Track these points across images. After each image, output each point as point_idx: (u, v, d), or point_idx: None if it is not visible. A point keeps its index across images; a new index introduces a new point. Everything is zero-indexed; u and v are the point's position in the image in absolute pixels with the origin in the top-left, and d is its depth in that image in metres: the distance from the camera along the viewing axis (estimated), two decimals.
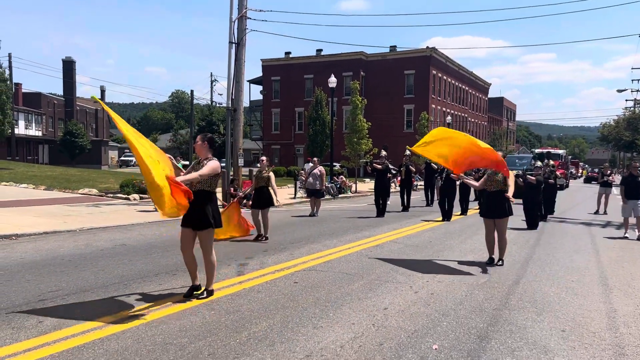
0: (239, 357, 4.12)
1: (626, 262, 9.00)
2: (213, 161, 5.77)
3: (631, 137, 52.43)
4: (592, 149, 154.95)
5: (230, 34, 19.29)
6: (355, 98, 28.98)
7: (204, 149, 5.87)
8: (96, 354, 4.09)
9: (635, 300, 6.36)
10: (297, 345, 4.42)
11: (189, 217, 5.67)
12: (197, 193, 5.64)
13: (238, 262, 7.99)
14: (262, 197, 10.54)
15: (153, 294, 5.99)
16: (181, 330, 4.70)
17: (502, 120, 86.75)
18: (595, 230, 13.71)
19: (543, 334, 4.97)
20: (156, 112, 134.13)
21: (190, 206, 5.55)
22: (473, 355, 4.35)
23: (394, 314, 5.43)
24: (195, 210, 5.62)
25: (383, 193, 15.60)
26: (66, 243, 9.74)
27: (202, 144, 5.87)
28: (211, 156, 5.87)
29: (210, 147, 5.90)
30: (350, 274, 7.24)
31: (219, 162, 5.79)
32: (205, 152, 5.86)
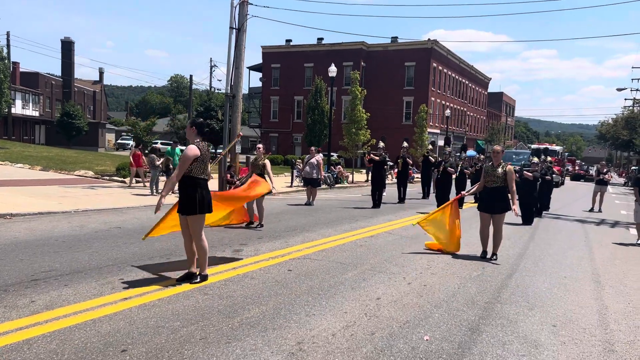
0: (230, 342, 4.13)
1: (618, 260, 9.05)
2: (186, 149, 5.76)
3: (629, 136, 52.57)
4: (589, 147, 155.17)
5: (231, 20, 19.11)
6: (355, 88, 28.89)
7: (193, 133, 5.89)
8: (88, 334, 4.09)
9: (626, 298, 6.40)
10: (289, 332, 4.43)
11: (179, 202, 5.86)
12: (182, 179, 5.76)
13: (232, 248, 7.99)
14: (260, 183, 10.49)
15: (147, 277, 5.99)
16: (174, 314, 4.71)
17: (501, 116, 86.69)
18: (589, 227, 13.77)
19: (534, 328, 5.00)
20: (154, 96, 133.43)
21: (179, 193, 5.83)
22: (464, 347, 4.37)
23: (386, 304, 5.45)
24: (181, 196, 5.80)
25: (379, 184, 15.59)
26: (61, 224, 9.72)
27: (190, 128, 5.92)
28: (197, 140, 5.86)
29: (198, 132, 5.89)
30: (344, 264, 7.26)
31: (194, 147, 5.73)
32: (194, 137, 5.87)
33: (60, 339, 3.97)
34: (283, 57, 57.90)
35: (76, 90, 67.04)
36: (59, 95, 64.07)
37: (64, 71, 64.18)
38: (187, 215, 5.78)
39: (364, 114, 28.65)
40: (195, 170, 5.76)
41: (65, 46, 62.60)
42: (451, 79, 59.98)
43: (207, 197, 5.88)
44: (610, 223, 15.19)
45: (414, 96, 52.64)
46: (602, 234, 12.68)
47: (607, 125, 63.57)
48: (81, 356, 3.70)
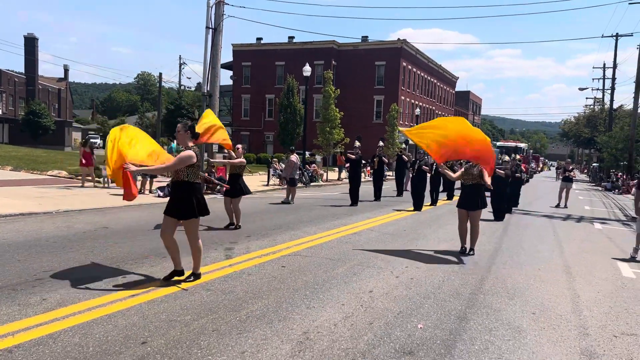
0: (241, 333, 4.41)
1: (586, 253, 9.65)
2: (184, 152, 5.75)
3: (590, 134, 54.51)
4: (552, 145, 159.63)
5: (207, 19, 19.24)
6: (329, 87, 29.21)
7: (186, 138, 5.84)
8: (106, 329, 4.31)
9: (596, 287, 6.92)
10: (294, 323, 4.74)
11: (170, 207, 5.83)
12: (178, 184, 5.79)
13: (224, 246, 8.22)
14: (235, 185, 10.40)
15: (147, 274, 6.19)
16: (182, 309, 4.95)
17: (468, 114, 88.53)
18: (557, 222, 14.46)
19: (516, 316, 5.43)
20: (121, 94, 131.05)
21: (172, 196, 5.83)
22: (455, 334, 4.76)
23: (379, 297, 5.80)
24: (176, 201, 5.79)
25: (356, 183, 15.98)
26: (46, 225, 9.75)
27: (185, 133, 5.83)
28: (191, 145, 5.86)
29: (192, 136, 5.86)
30: (333, 259, 7.59)
31: (192, 153, 5.74)
32: (187, 141, 5.84)
33: (82, 333, 4.18)
34: (254, 55, 57.85)
35: (40, 88, 65.48)
36: (22, 93, 62.43)
37: (28, 68, 62.69)
38: (184, 220, 5.85)
39: (338, 113, 29.02)
40: (191, 176, 5.81)
41: (28, 43, 61.16)
42: (420, 78, 61.01)
43: (202, 200, 5.97)
44: (576, 218, 15.97)
45: (385, 95, 53.41)
46: (569, 228, 13.37)
47: (570, 123, 65.78)
48: (105, 348, 3.93)
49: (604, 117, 51.48)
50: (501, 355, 4.30)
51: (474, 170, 8.90)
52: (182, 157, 5.70)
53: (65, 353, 3.81)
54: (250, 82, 58.14)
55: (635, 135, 35.39)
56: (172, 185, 5.92)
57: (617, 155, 38.68)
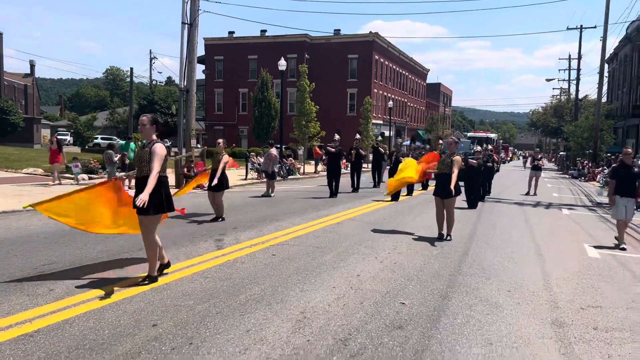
0: (244, 314, 4.75)
1: (555, 237, 10.24)
2: (159, 146, 5.57)
3: (557, 123, 56.06)
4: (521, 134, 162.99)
5: (183, 15, 19.29)
6: (304, 82, 29.47)
7: (152, 131, 5.66)
8: (117, 314, 4.60)
9: (564, 267, 7.46)
10: (291, 305, 5.10)
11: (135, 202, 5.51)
12: (145, 179, 5.53)
13: (213, 238, 8.51)
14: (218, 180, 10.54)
15: (144, 266, 6.45)
16: (184, 295, 5.26)
17: (439, 106, 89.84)
18: (527, 209, 15.13)
19: (493, 293, 5.90)
20: (89, 89, 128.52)
21: (138, 192, 5.49)
22: (439, 310, 5.19)
23: (366, 280, 6.20)
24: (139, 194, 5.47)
25: (336, 175, 16.37)
26: (32, 222, 9.86)
27: (151, 127, 5.66)
28: (156, 138, 5.69)
29: (157, 129, 5.70)
30: (320, 247, 7.96)
31: (162, 145, 5.61)
32: (152, 135, 5.66)
33: (95, 318, 4.46)
34: (226, 49, 57.60)
35: (6, 84, 63.82)
36: None
37: None
38: (140, 215, 5.56)
39: (314, 107, 29.33)
40: (160, 169, 5.61)
41: None
42: (392, 70, 61.68)
43: (170, 195, 5.80)
44: (545, 205, 16.68)
45: (358, 88, 53.88)
46: (539, 214, 14.03)
47: (538, 113, 67.37)
48: (119, 331, 4.22)
49: (570, 107, 53.01)
50: (481, 327, 4.74)
51: (447, 160, 9.37)
52: (161, 154, 5.52)
53: (83, 336, 4.09)
54: (223, 76, 57.92)
55: (600, 125, 36.66)
56: (138, 182, 5.66)
57: (582, 144, 39.97)
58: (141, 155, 5.67)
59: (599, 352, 4.30)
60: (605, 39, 34.37)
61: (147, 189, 5.33)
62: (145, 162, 5.60)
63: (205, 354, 3.86)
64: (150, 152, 5.55)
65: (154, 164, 5.47)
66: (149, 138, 5.68)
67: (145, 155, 5.60)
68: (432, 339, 4.40)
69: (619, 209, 9.20)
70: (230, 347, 4.00)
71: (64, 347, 3.88)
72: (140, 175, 5.65)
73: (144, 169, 5.62)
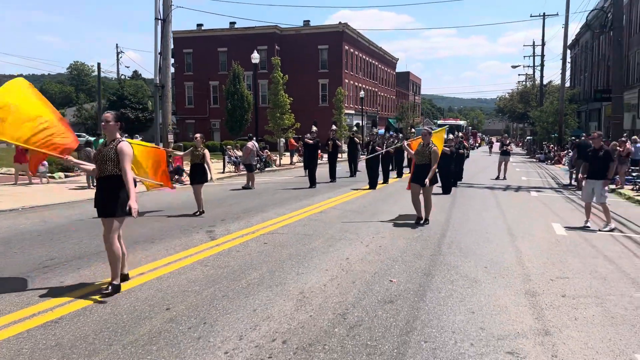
0: (248, 296, 5.16)
1: (525, 217, 10.90)
2: (126, 145, 5.30)
3: (523, 109, 57.57)
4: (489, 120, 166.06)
5: (156, 11, 19.34)
6: (277, 74, 29.71)
7: (116, 128, 5.37)
8: (131, 300, 4.96)
9: (535, 244, 8.07)
10: (290, 286, 5.53)
11: (98, 205, 5.28)
12: (108, 179, 5.25)
13: (204, 229, 8.86)
14: (197, 173, 10.85)
15: (145, 256, 6.78)
16: (189, 282, 5.63)
17: (409, 94, 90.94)
18: (498, 193, 15.85)
19: (471, 270, 6.44)
20: (53, 85, 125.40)
21: (101, 192, 5.26)
22: (424, 286, 5.69)
23: (355, 262, 6.67)
24: (104, 196, 5.24)
25: (313, 166, 16.79)
26: (20, 221, 10.02)
27: (115, 124, 5.35)
28: (119, 136, 5.40)
29: (121, 127, 5.42)
30: (308, 235, 8.40)
31: (128, 144, 5.35)
32: (115, 132, 5.36)
33: (112, 305, 4.81)
34: (195, 42, 57.15)
35: None
36: None
37: None
38: (104, 217, 5.24)
39: (287, 98, 29.62)
40: None
41: None
42: (362, 60, 62.21)
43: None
44: (514, 188, 17.46)
45: (329, 78, 54.25)
46: (509, 197, 14.75)
47: (505, 99, 69.00)
48: (136, 315, 4.58)
49: (536, 93, 54.50)
50: (463, 299, 5.26)
51: (426, 151, 9.87)
52: (130, 154, 5.29)
53: (104, 321, 4.45)
54: (192, 70, 57.48)
55: (564, 109, 37.96)
56: (101, 182, 5.32)
57: (548, 128, 41.33)
58: (104, 153, 5.28)
59: (567, 315, 4.86)
60: (567, 27, 35.55)
61: (132, 195, 5.06)
62: (110, 162, 5.23)
63: (219, 331, 4.26)
64: (117, 151, 5.23)
65: (125, 165, 5.18)
66: (113, 136, 5.36)
67: (110, 154, 5.24)
68: (421, 310, 4.89)
69: (587, 191, 9.85)
70: (241, 324, 4.41)
71: (90, 330, 4.24)
72: (104, 175, 5.27)
73: (107, 168, 5.24)
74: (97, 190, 5.38)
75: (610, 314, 4.91)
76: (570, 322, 4.68)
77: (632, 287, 5.85)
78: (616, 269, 6.65)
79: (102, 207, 5.25)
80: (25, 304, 4.85)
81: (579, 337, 4.33)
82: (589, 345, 4.16)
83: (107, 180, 5.24)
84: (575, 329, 4.50)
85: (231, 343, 4.02)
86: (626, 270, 6.59)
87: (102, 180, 5.29)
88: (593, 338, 4.31)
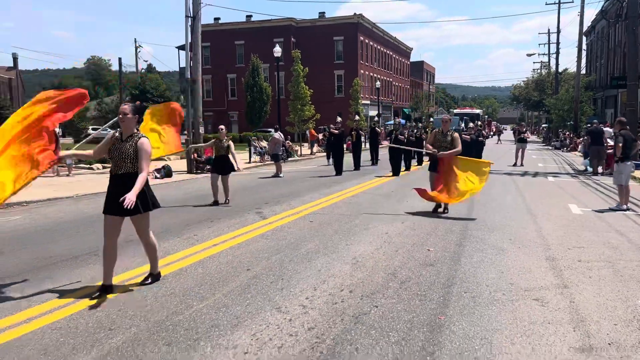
0: (310, 261, 6.12)
1: (543, 199, 11.73)
2: (146, 142, 5.07)
3: (539, 97, 57.83)
4: (503, 109, 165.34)
5: (186, 9, 20.32)
6: (298, 66, 30.60)
7: (134, 122, 5.14)
8: (216, 264, 5.95)
9: (553, 221, 8.92)
10: (343, 254, 6.48)
11: (114, 203, 4.88)
12: (126, 176, 4.99)
13: (253, 212, 9.84)
14: (223, 164, 11.00)
15: (211, 233, 7.78)
16: (257, 251, 6.62)
17: (423, 83, 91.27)
18: (517, 178, 16.66)
19: (497, 241, 7.33)
20: (71, 80, 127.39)
21: (117, 192, 4.90)
22: (458, 253, 6.60)
23: (394, 236, 7.61)
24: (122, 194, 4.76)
25: (340, 155, 17.70)
26: (81, 206, 11.09)
27: (133, 117, 5.10)
28: (137, 132, 5.16)
29: (138, 121, 5.24)
30: (347, 215, 9.35)
31: (148, 141, 5.13)
32: (133, 127, 5.13)
33: (202, 267, 5.83)
34: (212, 35, 58.04)
35: None
36: None
37: None
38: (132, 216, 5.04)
39: (308, 90, 30.52)
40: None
41: None
42: (377, 51, 62.80)
43: (152, 192, 5.30)
44: (532, 174, 18.24)
45: (345, 69, 55.00)
46: (527, 182, 15.56)
47: (520, 88, 69.15)
48: (224, 275, 5.57)
49: (551, 81, 54.72)
50: (493, 263, 6.16)
51: (447, 138, 10.09)
52: (149, 152, 5.09)
53: (201, 278, 5.44)
54: (210, 63, 58.49)
55: (579, 97, 38.37)
56: (116, 178, 5.06)
57: (564, 116, 41.72)
58: (123, 150, 5.01)
59: (582, 274, 5.74)
60: (582, 15, 35.88)
61: (136, 188, 4.75)
62: (128, 158, 4.99)
63: (295, 284, 5.23)
64: (137, 148, 4.99)
65: (143, 164, 4.98)
66: (131, 130, 5.09)
67: (129, 150, 4.99)
68: (458, 271, 5.81)
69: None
70: (312, 280, 5.38)
71: (193, 284, 5.25)
72: (121, 172, 5.02)
73: (123, 165, 5.00)
74: (114, 187, 5.02)
75: (619, 273, 5.79)
76: (585, 279, 5.57)
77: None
78: (627, 240, 7.49)
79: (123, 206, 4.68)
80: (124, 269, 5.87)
81: (592, 289, 5.21)
82: (600, 295, 5.04)
83: (125, 177, 4.97)
84: (589, 284, 5.38)
85: (308, 292, 4.98)
86: (636, 242, 7.42)
87: (118, 178, 5.02)
88: (604, 290, 5.20)
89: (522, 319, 4.36)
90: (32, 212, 10.33)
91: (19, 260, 6.41)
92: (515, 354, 3.69)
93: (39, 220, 9.33)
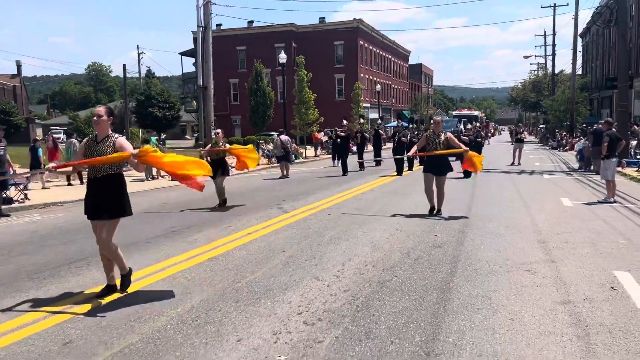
0: (334, 244, 7.13)
1: (538, 194, 12.74)
2: (124, 141, 5.10)
3: (536, 98, 58.93)
4: (501, 110, 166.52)
5: (198, 19, 21.40)
6: (302, 72, 31.63)
7: (108, 124, 5.12)
8: (256, 247, 6.96)
9: (546, 213, 9.93)
10: (361, 239, 7.49)
11: (97, 207, 4.94)
12: (106, 178, 4.96)
13: (275, 207, 10.83)
14: (218, 167, 10.91)
15: (243, 224, 8.77)
16: (287, 237, 7.63)
17: (422, 86, 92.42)
18: (514, 176, 17.68)
19: (495, 228, 8.33)
20: (72, 86, 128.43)
21: (96, 194, 4.95)
22: (461, 238, 7.61)
23: (404, 224, 8.61)
24: (106, 198, 4.94)
25: (344, 156, 18.71)
26: None
27: (108, 119, 5.08)
28: (112, 132, 5.14)
29: (112, 123, 5.20)
30: (359, 209, 10.36)
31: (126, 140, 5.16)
32: (108, 128, 5.11)
33: (244, 250, 6.82)
34: (214, 41, 58.12)
35: None
36: None
37: None
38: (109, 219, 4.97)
39: (311, 95, 31.55)
40: (121, 166, 5.15)
41: None
42: (377, 54, 63.93)
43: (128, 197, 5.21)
44: (528, 172, 19.26)
45: (345, 73, 56.11)
46: (524, 179, 16.57)
47: (517, 89, 70.27)
48: (264, 255, 6.58)
49: (548, 82, 55.82)
50: (492, 244, 7.17)
51: (440, 138, 9.59)
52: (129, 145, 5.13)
53: (245, 258, 6.45)
54: (213, 68, 59.40)
55: (575, 98, 39.42)
56: (95, 181, 4.98)
57: (560, 116, 42.75)
58: (100, 150, 4.98)
59: (568, 252, 6.74)
60: (576, 18, 36.95)
61: (74, 164, 5.26)
62: None
63: (326, 262, 6.23)
64: (115, 148, 4.98)
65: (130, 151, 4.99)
66: (106, 132, 5.08)
67: (107, 150, 4.95)
68: (462, 251, 6.81)
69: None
70: (339, 258, 6.39)
71: (239, 262, 6.25)
72: (100, 175, 4.96)
73: (103, 168, 4.95)
74: (92, 191, 5.02)
75: (599, 251, 6.79)
76: (570, 256, 6.57)
77: (620, 237, 7.70)
78: (610, 227, 8.49)
79: (104, 209, 4.90)
80: (165, 256, 6.87)
81: (575, 263, 6.21)
82: (582, 267, 6.05)
83: (105, 180, 4.94)
84: (573, 259, 6.39)
85: (338, 266, 5.99)
86: (618, 228, 8.42)
87: (97, 181, 4.96)
88: (585, 263, 6.20)
89: (515, 283, 5.37)
90: (70, 211, 11.32)
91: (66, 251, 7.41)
92: (509, 306, 4.70)
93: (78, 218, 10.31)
